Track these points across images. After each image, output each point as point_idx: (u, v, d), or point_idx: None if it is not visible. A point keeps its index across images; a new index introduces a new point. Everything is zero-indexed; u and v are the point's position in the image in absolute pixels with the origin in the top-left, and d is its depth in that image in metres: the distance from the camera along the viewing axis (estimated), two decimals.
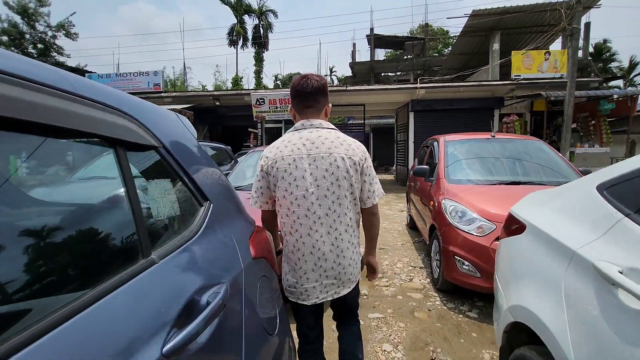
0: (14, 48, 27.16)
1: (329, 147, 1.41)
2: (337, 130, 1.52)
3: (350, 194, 1.45)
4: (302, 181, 1.39)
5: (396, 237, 5.44)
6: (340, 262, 1.47)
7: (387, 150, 20.21)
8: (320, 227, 1.41)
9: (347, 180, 1.42)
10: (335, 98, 11.93)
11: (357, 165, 1.44)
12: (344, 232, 1.46)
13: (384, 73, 23.83)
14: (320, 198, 1.40)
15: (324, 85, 1.51)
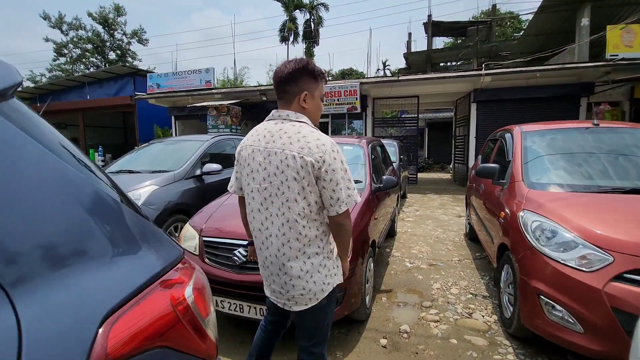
0: (97, 55, 30.41)
1: (284, 142, 1.27)
2: (306, 125, 1.33)
3: (303, 199, 1.26)
4: (257, 174, 1.33)
5: (451, 250, 4.48)
6: (287, 272, 1.33)
7: (444, 146, 18.56)
8: (271, 225, 1.32)
9: (298, 182, 1.24)
10: (384, 90, 10.98)
11: (311, 167, 1.22)
12: (295, 241, 1.29)
13: (442, 63, 21.96)
14: (272, 196, 1.30)
15: (297, 71, 1.33)
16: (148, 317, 0.63)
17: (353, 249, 2.28)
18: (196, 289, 0.78)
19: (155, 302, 0.67)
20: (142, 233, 0.74)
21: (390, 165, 5.09)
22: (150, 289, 0.67)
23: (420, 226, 5.77)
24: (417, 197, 8.89)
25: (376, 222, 3.02)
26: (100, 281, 0.61)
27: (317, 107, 1.42)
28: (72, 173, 0.65)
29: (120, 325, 0.58)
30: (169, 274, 0.74)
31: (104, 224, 0.67)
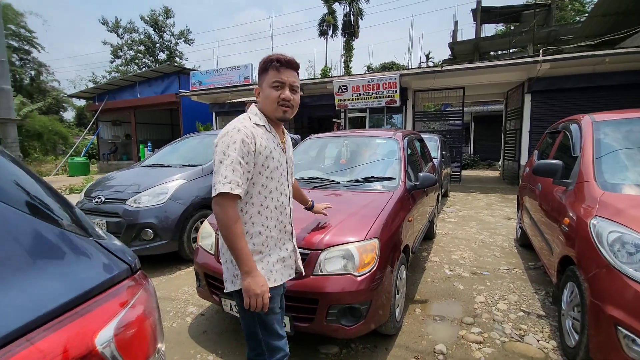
0: (149, 56, 32.40)
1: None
2: (243, 115, 1.39)
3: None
4: None
5: (499, 257, 3.98)
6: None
7: (492, 142, 17.26)
8: None
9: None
10: (426, 82, 10.33)
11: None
12: None
13: (492, 52, 20.38)
14: None
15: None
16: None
17: (380, 254, 1.99)
18: (126, 326, 0.57)
19: (35, 354, 0.46)
20: (45, 250, 0.54)
21: (430, 161, 4.66)
22: (25, 339, 0.46)
23: (463, 228, 5.26)
24: (460, 196, 8.25)
25: (411, 224, 2.69)
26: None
27: (266, 96, 1.38)
28: None
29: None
30: (85, 305, 0.54)
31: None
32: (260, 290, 1.26)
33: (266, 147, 1.35)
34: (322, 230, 2.06)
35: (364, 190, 2.71)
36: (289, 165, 1.52)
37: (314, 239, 2.00)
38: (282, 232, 1.46)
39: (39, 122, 20.23)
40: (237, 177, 1.26)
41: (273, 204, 1.40)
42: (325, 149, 3.65)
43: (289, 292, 1.93)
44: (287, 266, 1.49)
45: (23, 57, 30.28)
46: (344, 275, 1.90)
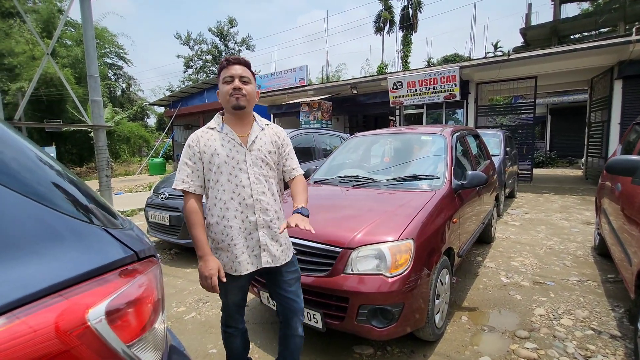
0: (216, 64, 35.07)
1: None
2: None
3: None
4: None
5: (570, 266, 3.51)
6: None
7: (573, 137, 15.33)
8: None
9: None
10: (491, 73, 9.52)
11: None
12: None
13: (574, 35, 18.00)
14: None
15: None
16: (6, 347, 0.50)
17: (415, 255, 1.91)
18: (118, 306, 0.64)
19: (23, 327, 0.54)
20: (44, 233, 0.63)
21: (487, 159, 4.30)
22: (24, 309, 0.55)
23: (529, 232, 4.75)
24: (529, 197, 7.46)
25: (456, 225, 2.52)
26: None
27: (221, 93, 1.54)
28: None
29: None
30: (81, 285, 0.62)
31: None
32: (208, 273, 1.45)
33: (210, 147, 1.51)
34: (355, 228, 2.04)
35: (405, 190, 2.61)
36: (257, 156, 1.55)
37: (346, 237, 1.99)
38: (244, 222, 1.52)
39: (127, 128, 23.20)
40: (183, 175, 1.52)
41: (227, 195, 1.51)
42: (369, 147, 3.59)
43: (320, 288, 1.95)
44: (257, 255, 1.55)
45: (116, 72, 35.03)
46: (375, 275, 1.86)
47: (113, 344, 0.63)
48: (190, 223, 1.49)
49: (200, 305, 2.92)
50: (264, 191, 1.55)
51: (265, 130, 1.63)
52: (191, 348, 2.28)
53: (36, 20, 19.41)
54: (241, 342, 1.74)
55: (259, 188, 1.54)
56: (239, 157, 1.54)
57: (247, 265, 1.54)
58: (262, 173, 1.56)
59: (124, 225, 0.84)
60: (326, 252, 1.98)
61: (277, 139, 1.66)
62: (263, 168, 1.56)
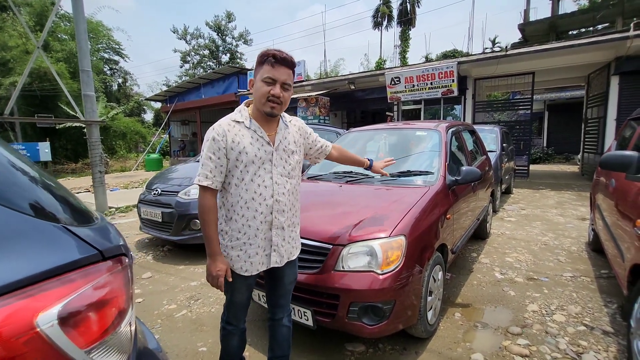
0: (213, 59, 34.78)
1: None
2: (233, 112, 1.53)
3: None
4: None
5: (564, 262, 3.51)
6: None
7: (569, 133, 15.36)
8: None
9: None
10: (489, 68, 9.49)
11: None
12: None
13: (572, 30, 17.95)
14: None
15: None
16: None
17: (407, 252, 1.89)
18: (75, 309, 0.61)
19: None
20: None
21: (483, 154, 4.27)
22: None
23: (524, 228, 4.75)
24: (526, 193, 7.47)
25: (450, 222, 2.49)
26: None
27: (256, 90, 1.45)
28: None
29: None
30: (33, 287, 0.58)
31: None
32: (216, 273, 1.45)
33: (239, 143, 1.42)
34: (346, 225, 2.01)
35: (398, 185, 2.58)
36: (281, 157, 1.52)
37: (337, 233, 1.96)
38: (263, 223, 1.49)
39: (123, 123, 23.00)
40: (207, 171, 1.42)
41: (249, 195, 1.46)
42: (365, 142, 3.55)
43: (310, 285, 1.93)
44: (267, 255, 1.53)
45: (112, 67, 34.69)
46: (366, 272, 1.83)
47: (67, 350, 0.59)
48: (205, 221, 1.44)
49: (192, 302, 2.89)
50: (283, 192, 1.51)
51: (289, 127, 1.59)
52: (180, 346, 2.25)
53: (29, 14, 19.14)
54: (238, 341, 1.71)
55: (280, 189, 1.50)
56: (265, 157, 1.48)
57: (258, 266, 1.53)
58: (285, 173, 1.52)
59: (94, 223, 0.80)
60: (317, 249, 1.96)
61: (301, 133, 1.65)
62: (286, 168, 1.53)
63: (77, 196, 0.87)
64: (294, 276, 1.68)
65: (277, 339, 1.71)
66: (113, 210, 7.08)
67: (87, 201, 8.32)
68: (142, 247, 4.38)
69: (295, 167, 1.57)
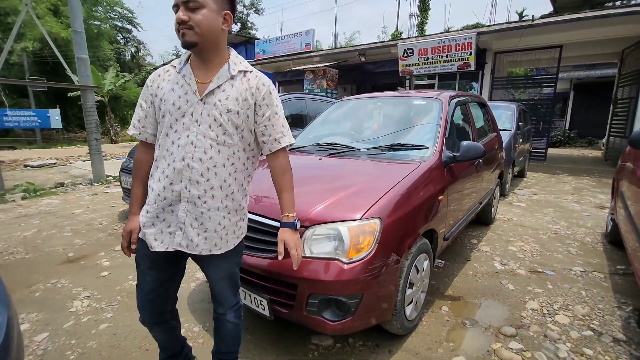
0: None
1: None
2: None
3: None
4: None
5: (574, 254, 3.15)
6: None
7: (595, 115, 14.41)
8: None
9: None
10: (511, 41, 8.71)
11: None
12: None
13: (607, 3, 16.40)
14: None
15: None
16: None
17: (381, 238, 1.58)
18: None
19: None
20: None
21: (494, 132, 3.83)
22: None
23: (534, 215, 4.36)
24: (540, 177, 6.97)
25: (443, 204, 2.16)
26: None
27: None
28: None
29: None
30: None
31: None
32: (125, 233, 1.32)
33: (161, 89, 1.22)
34: (313, 203, 1.70)
35: (386, 160, 2.24)
36: (210, 113, 1.17)
37: (300, 212, 1.66)
38: (166, 189, 1.19)
39: (133, 93, 22.86)
40: (135, 120, 1.28)
41: (161, 152, 1.22)
42: (357, 112, 3.18)
43: (265, 271, 1.66)
44: (171, 234, 1.22)
45: (125, 36, 34.22)
46: (329, 260, 1.54)
47: None
48: (132, 175, 1.35)
49: None
50: (201, 158, 1.17)
51: (238, 79, 1.21)
52: (132, 327, 2.04)
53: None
54: (161, 335, 1.45)
55: (197, 154, 1.16)
56: (186, 109, 1.17)
57: (152, 241, 1.23)
58: (211, 135, 1.17)
59: None
60: (275, 229, 1.66)
61: (253, 93, 1.21)
62: (214, 129, 1.17)
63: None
64: (226, 273, 1.34)
65: (220, 334, 1.45)
66: (110, 179, 6.97)
67: (85, 169, 8.26)
68: (124, 218, 4.21)
69: (232, 133, 1.19)
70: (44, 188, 6.22)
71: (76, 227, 3.83)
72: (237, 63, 1.23)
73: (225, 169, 1.21)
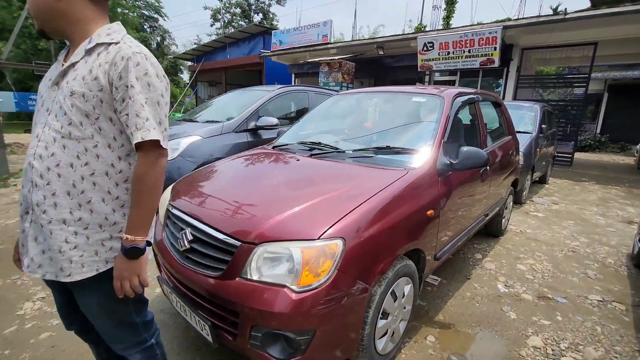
0: (245, 18, 33.73)
1: None
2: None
3: None
4: None
5: (592, 278, 2.76)
6: None
7: (630, 119, 13.48)
8: None
9: None
10: (540, 36, 8.07)
11: None
12: None
13: None
14: None
15: None
16: None
17: (343, 263, 1.32)
18: None
19: None
20: None
21: (509, 135, 3.44)
22: None
23: (551, 227, 3.94)
24: (564, 185, 6.44)
25: (433, 220, 1.85)
26: None
27: None
28: None
29: None
30: None
31: None
32: (16, 244, 1.11)
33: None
34: (268, 215, 1.45)
35: (372, 165, 1.95)
36: (58, 99, 0.95)
37: (249, 226, 1.41)
38: (21, 195, 1.00)
39: None
40: None
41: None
42: (353, 108, 2.88)
43: (207, 292, 1.42)
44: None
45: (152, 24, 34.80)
46: (276, 287, 1.29)
47: None
48: None
49: None
50: (41, 154, 0.93)
51: (96, 53, 0.96)
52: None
53: None
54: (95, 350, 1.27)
55: (39, 149, 0.94)
56: (47, 96, 0.99)
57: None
58: (56, 126, 0.93)
59: None
60: (224, 244, 1.43)
61: (107, 70, 0.93)
62: (59, 119, 0.93)
63: None
64: (101, 309, 1.06)
65: None
66: None
67: None
68: None
69: (81, 123, 0.93)
70: None
71: None
72: (102, 35, 0.97)
73: (75, 170, 0.94)
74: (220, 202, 1.67)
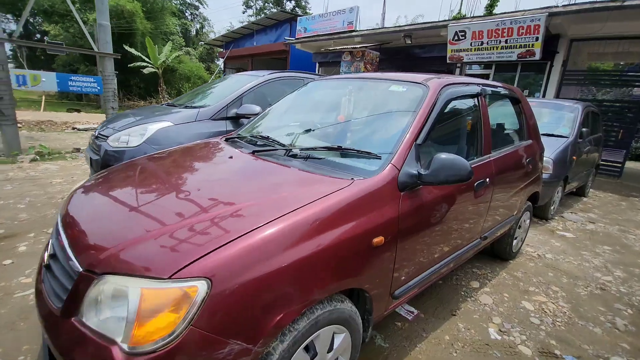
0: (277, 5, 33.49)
1: None
2: None
3: None
4: None
5: (620, 331, 2.14)
6: None
7: None
8: None
9: None
10: (593, 26, 6.99)
11: None
12: None
13: None
14: None
15: None
16: None
17: (206, 315, 0.91)
18: None
19: None
20: None
21: (529, 138, 2.80)
22: None
23: (580, 253, 3.26)
24: (607, 199, 5.54)
25: (383, 250, 1.38)
26: None
27: None
28: None
29: None
30: None
31: None
32: None
33: None
34: (122, 236, 1.06)
35: (312, 171, 1.49)
36: None
37: (98, 249, 1.04)
38: None
39: (187, 67, 23.75)
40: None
41: None
42: (327, 97, 2.41)
43: (47, 331, 1.07)
44: None
45: (192, 12, 35.62)
46: (104, 342, 0.90)
47: None
48: None
49: None
50: None
51: None
52: None
53: None
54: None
55: None
56: None
57: None
58: None
59: None
60: (69, 267, 1.07)
61: None
62: None
63: None
64: None
65: None
66: None
67: None
68: None
69: None
70: (60, 152, 6.33)
71: (36, 200, 3.62)
72: None
73: None
74: (100, 208, 1.32)
